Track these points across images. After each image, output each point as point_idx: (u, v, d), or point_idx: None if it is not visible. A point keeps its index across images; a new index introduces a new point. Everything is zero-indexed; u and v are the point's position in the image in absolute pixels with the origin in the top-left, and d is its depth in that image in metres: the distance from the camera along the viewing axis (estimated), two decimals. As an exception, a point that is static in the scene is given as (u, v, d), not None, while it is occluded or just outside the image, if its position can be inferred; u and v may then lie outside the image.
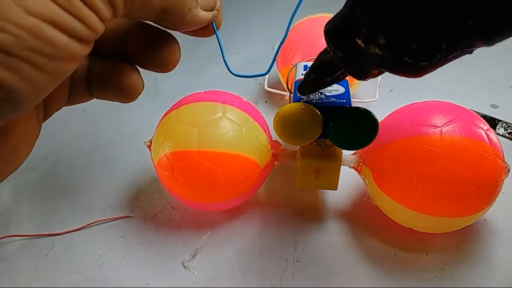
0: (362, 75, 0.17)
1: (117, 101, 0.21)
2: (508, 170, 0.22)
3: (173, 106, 0.25)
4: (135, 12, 0.16)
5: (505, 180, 0.21)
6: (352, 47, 0.16)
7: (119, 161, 0.32)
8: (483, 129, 0.22)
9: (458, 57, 0.15)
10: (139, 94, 0.21)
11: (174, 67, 0.22)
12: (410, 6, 0.13)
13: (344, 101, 0.21)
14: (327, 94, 0.23)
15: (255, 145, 0.23)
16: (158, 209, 0.28)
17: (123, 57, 0.22)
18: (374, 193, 0.24)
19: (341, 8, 0.17)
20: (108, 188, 0.30)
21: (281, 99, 0.37)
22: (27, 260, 0.25)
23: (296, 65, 0.26)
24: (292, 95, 0.25)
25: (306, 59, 0.29)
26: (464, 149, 0.21)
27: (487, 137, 0.21)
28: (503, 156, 0.22)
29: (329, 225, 0.26)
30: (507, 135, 0.32)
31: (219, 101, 0.24)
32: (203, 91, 0.26)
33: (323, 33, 0.17)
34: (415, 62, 0.15)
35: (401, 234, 0.24)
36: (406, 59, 0.15)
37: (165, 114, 0.25)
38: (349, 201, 0.27)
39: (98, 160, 0.32)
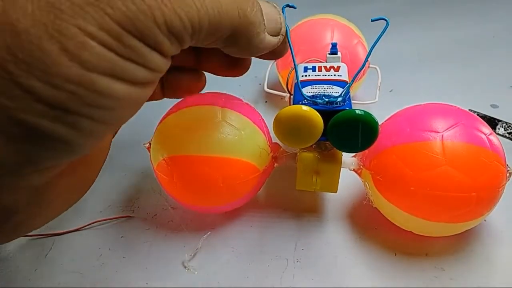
0: None
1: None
2: (510, 173, 0.21)
3: (172, 108, 0.25)
4: (203, 40, 0.15)
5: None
6: None
7: (119, 161, 0.32)
8: (485, 134, 0.21)
9: None
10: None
11: (244, 73, 0.22)
12: None
13: (345, 103, 0.21)
14: (327, 96, 0.23)
15: (254, 149, 0.23)
16: (158, 209, 0.28)
17: (195, 65, 0.22)
18: (374, 197, 0.24)
19: (341, 9, 0.17)
20: (108, 188, 0.30)
21: (282, 99, 0.37)
22: (27, 260, 0.25)
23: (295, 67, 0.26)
24: (292, 97, 0.25)
25: (306, 61, 0.29)
26: (465, 156, 0.20)
27: (489, 142, 0.21)
28: (505, 161, 0.22)
29: (329, 225, 0.26)
30: (507, 135, 0.32)
31: (218, 105, 0.23)
32: (202, 92, 0.26)
33: (322, 35, 0.17)
34: None
35: (401, 234, 0.24)
36: None
37: (164, 117, 0.25)
38: (349, 201, 0.27)
39: (98, 160, 0.32)
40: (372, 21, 0.18)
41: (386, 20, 0.18)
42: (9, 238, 0.16)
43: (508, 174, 0.21)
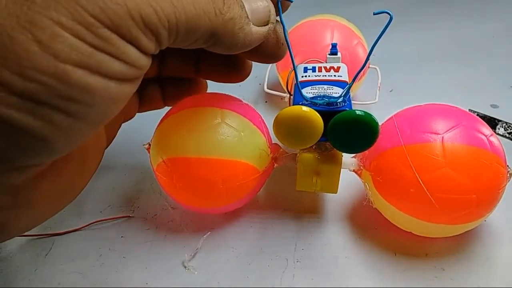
0: None
1: None
2: (510, 174, 0.21)
3: (171, 109, 0.25)
4: (183, 39, 0.14)
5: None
6: None
7: (119, 161, 0.32)
8: (486, 135, 0.21)
9: None
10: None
11: (245, 78, 0.22)
12: None
13: (345, 103, 0.21)
14: (327, 96, 0.23)
15: (254, 151, 0.23)
16: (158, 209, 0.28)
17: (195, 74, 0.23)
18: (374, 198, 0.24)
19: (341, 9, 0.16)
20: (108, 188, 0.30)
21: (282, 99, 0.37)
22: (27, 260, 0.25)
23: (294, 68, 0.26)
24: (292, 97, 0.25)
25: (305, 61, 0.29)
26: (465, 158, 0.20)
27: (489, 144, 0.21)
28: (505, 162, 0.21)
29: (329, 225, 0.26)
30: (507, 135, 0.32)
31: (218, 106, 0.23)
32: (202, 94, 0.26)
33: (322, 35, 0.17)
34: None
35: (401, 234, 0.24)
36: None
37: (164, 118, 0.24)
38: (349, 201, 0.27)
39: (98, 160, 0.32)
40: (374, 14, 0.18)
41: (389, 14, 0.17)
42: None
43: (508, 175, 0.21)
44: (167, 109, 0.25)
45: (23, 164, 0.13)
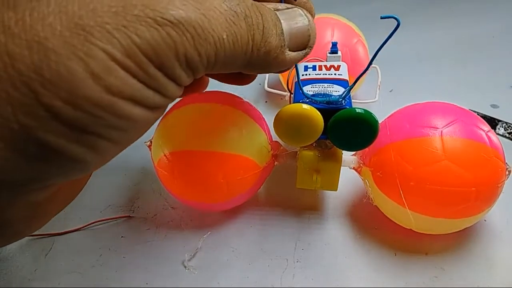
0: None
1: None
2: (509, 171, 0.21)
3: (173, 106, 0.25)
4: (217, 71, 0.15)
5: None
6: None
7: (119, 160, 0.32)
8: (484, 131, 0.21)
9: None
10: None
11: (250, 82, 0.22)
12: None
13: (345, 102, 0.21)
14: (328, 95, 0.23)
15: (255, 146, 0.23)
16: (158, 209, 0.28)
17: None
18: (374, 194, 0.24)
19: (341, 8, 0.16)
20: (108, 188, 0.30)
21: (281, 99, 0.37)
22: (27, 260, 0.25)
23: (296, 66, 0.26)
24: (292, 95, 0.25)
25: (306, 60, 0.29)
26: (464, 151, 0.20)
27: (488, 138, 0.21)
28: (504, 158, 0.22)
29: (329, 225, 0.26)
30: (507, 135, 0.32)
31: (219, 102, 0.24)
32: (204, 91, 0.26)
33: (322, 34, 0.17)
34: None
35: (401, 234, 0.24)
36: None
37: (167, 113, 0.25)
38: (349, 201, 0.27)
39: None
40: (381, 18, 0.18)
41: (396, 19, 0.17)
42: (7, 243, 0.17)
43: (507, 172, 0.21)
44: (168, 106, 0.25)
45: (54, 183, 0.13)
